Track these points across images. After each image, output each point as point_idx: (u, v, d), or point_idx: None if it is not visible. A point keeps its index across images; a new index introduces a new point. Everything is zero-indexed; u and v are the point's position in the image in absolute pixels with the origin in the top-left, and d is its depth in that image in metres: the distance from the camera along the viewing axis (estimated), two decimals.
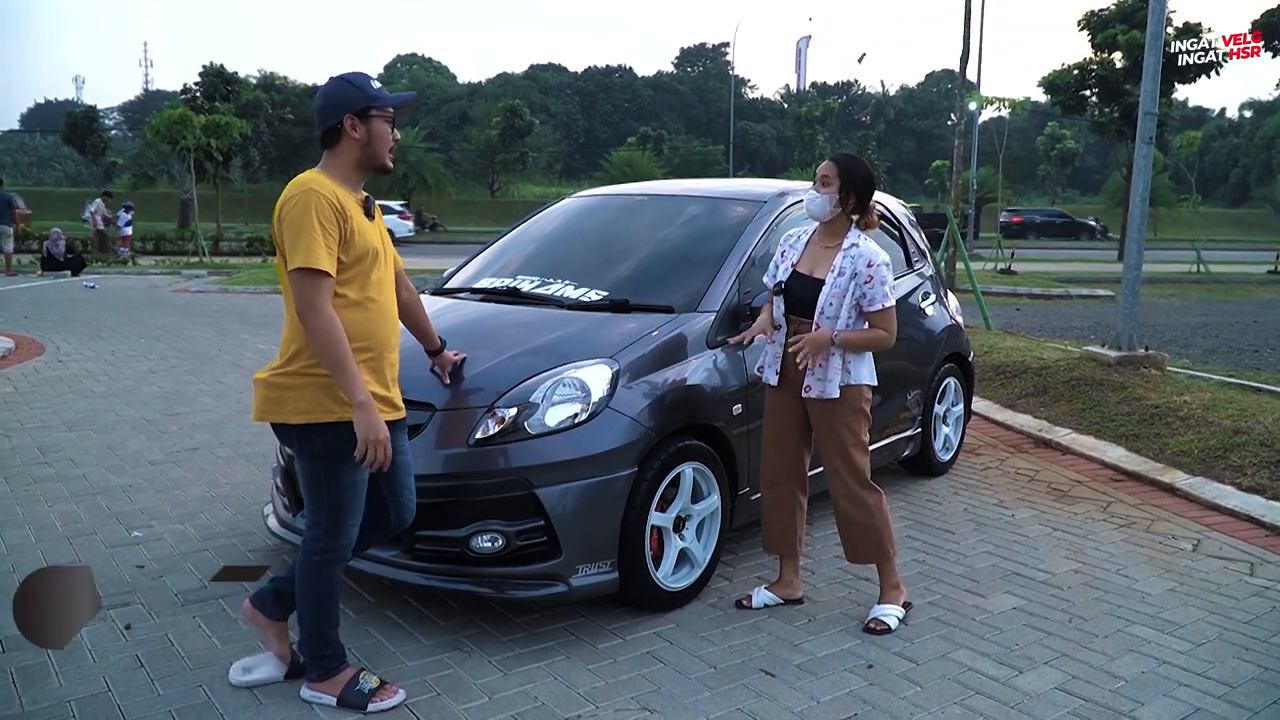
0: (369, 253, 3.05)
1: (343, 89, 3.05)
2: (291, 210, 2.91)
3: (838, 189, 3.80)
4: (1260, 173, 74.88)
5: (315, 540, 3.12)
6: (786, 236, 4.06)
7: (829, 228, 3.88)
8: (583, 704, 3.21)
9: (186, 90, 34.59)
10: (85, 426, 6.86)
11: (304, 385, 2.99)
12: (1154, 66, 7.78)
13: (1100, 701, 3.28)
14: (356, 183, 3.12)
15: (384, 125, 3.07)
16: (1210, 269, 26.80)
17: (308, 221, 2.88)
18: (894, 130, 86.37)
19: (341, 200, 2.97)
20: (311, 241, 2.87)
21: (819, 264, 3.85)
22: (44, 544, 4.56)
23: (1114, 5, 33.83)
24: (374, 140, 3.06)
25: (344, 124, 3.02)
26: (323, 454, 3.04)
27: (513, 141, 57.23)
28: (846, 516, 3.92)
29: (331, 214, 2.92)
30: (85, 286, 17.39)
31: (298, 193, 2.93)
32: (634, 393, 3.77)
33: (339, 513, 3.10)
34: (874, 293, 3.74)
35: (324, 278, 2.90)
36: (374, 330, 3.08)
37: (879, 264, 3.75)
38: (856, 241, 3.82)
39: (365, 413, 2.92)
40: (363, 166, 3.10)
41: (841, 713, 3.19)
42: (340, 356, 2.88)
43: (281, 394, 3.02)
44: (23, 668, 3.39)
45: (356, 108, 3.02)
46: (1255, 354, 12.03)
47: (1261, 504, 5.23)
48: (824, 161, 3.92)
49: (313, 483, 3.10)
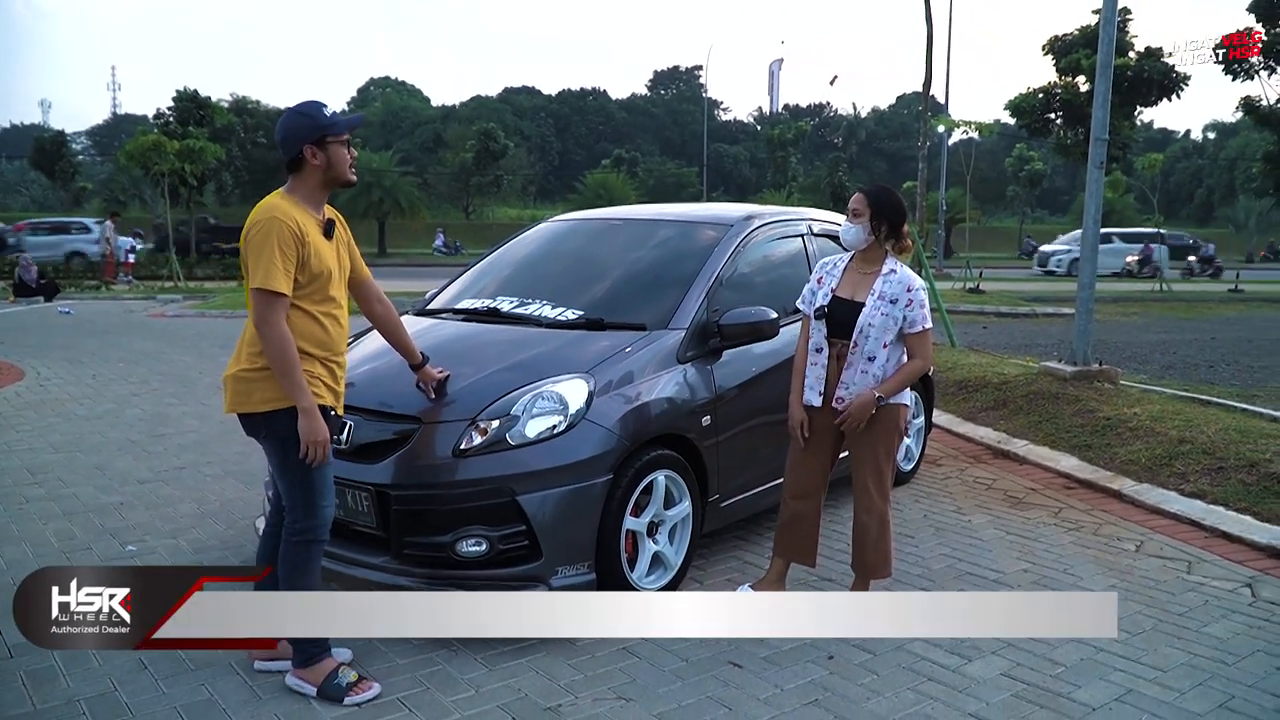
0: (324, 271, 3.38)
1: (298, 121, 3.37)
2: (255, 235, 3.25)
3: (869, 219, 4.04)
4: (1223, 193, 76.19)
5: (294, 523, 3.43)
6: (823, 264, 4.29)
7: (865, 255, 4.12)
8: (563, 694, 3.45)
9: (159, 115, 34.58)
10: (72, 448, 7.02)
11: (267, 378, 3.31)
12: (1104, 94, 8.14)
13: (1040, 685, 3.55)
14: (320, 201, 3.45)
15: (340, 149, 3.40)
16: (1172, 288, 27.35)
17: (268, 246, 3.22)
18: (865, 152, 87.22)
19: (302, 225, 3.30)
20: (270, 265, 3.20)
21: (859, 289, 4.08)
22: (41, 559, 4.74)
23: (1078, 30, 34.54)
24: (334, 164, 3.40)
25: (304, 154, 3.35)
26: (288, 435, 3.34)
27: (487, 164, 57.48)
28: (865, 530, 4.13)
29: (291, 239, 3.25)
30: (60, 312, 17.46)
31: (263, 218, 3.26)
32: (609, 405, 4.02)
33: (310, 492, 3.40)
34: (914, 315, 4.00)
35: (279, 298, 3.24)
36: (328, 339, 3.43)
37: (917, 289, 4.02)
38: (895, 268, 4.07)
39: (309, 418, 3.27)
40: (326, 186, 3.43)
41: (803, 698, 3.44)
42: (289, 366, 3.24)
43: (249, 387, 3.34)
44: (31, 670, 3.59)
45: (313, 138, 3.35)
46: (1210, 369, 12.41)
47: (1202, 508, 5.53)
48: (854, 194, 4.14)
49: (283, 467, 3.41)
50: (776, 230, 5.34)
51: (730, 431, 4.57)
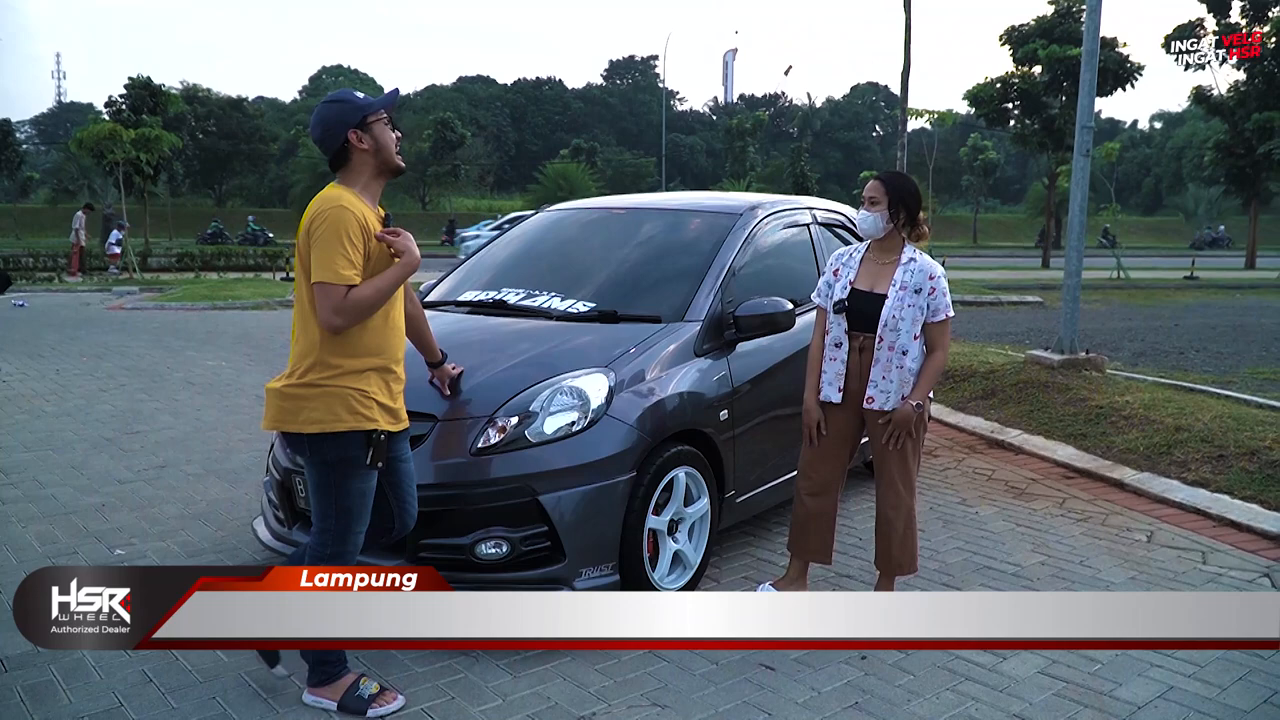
0: None
1: (335, 109, 3.13)
2: (321, 227, 2.99)
3: (886, 206, 3.91)
4: (1171, 181, 77.64)
5: (323, 546, 3.20)
6: (838, 255, 4.14)
7: (883, 244, 3.99)
8: (595, 702, 3.32)
9: (111, 102, 33.79)
10: (43, 446, 6.76)
11: (318, 396, 3.06)
12: (1089, 83, 8.12)
13: (1081, 683, 3.48)
14: (376, 194, 3.22)
15: (385, 128, 3.16)
16: (1130, 275, 27.72)
17: (337, 237, 2.97)
18: (821, 142, 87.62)
19: (367, 218, 3.06)
20: (339, 257, 2.96)
21: (879, 280, 3.95)
22: (26, 564, 4.52)
23: (1034, 21, 34.91)
24: (382, 146, 3.15)
25: (350, 140, 3.11)
26: (335, 462, 3.11)
27: (444, 154, 56.99)
28: (890, 525, 4.02)
29: (359, 230, 3.01)
30: (15, 305, 16.94)
31: (328, 208, 3.01)
32: (630, 400, 3.89)
33: (347, 519, 3.18)
34: (937, 304, 3.88)
35: (348, 289, 2.99)
36: (384, 344, 3.17)
37: (939, 276, 3.92)
38: (914, 256, 3.95)
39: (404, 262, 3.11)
40: (380, 174, 3.20)
41: (843, 701, 3.34)
42: (379, 293, 3.05)
43: (296, 404, 3.09)
44: (29, 686, 3.40)
45: (355, 120, 3.11)
46: (1180, 355, 12.54)
47: (1207, 497, 5.52)
48: (869, 181, 4.02)
49: (322, 490, 3.17)
50: (783, 219, 5.23)
51: (747, 425, 4.46)
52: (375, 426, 3.11)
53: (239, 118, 62.60)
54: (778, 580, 4.25)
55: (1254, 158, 34.84)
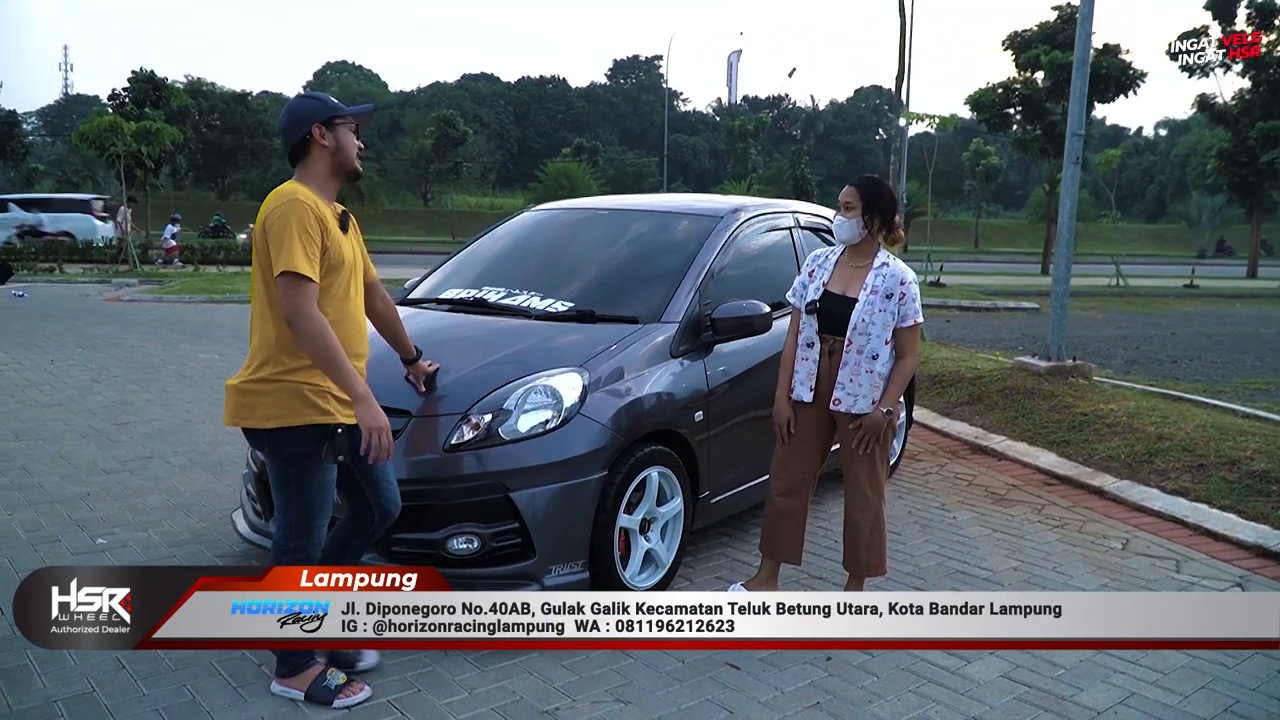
0: (344, 264, 3.19)
1: (306, 103, 3.24)
2: (275, 220, 3.05)
3: (860, 211, 3.95)
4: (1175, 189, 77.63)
5: (286, 540, 3.24)
6: (814, 257, 4.18)
7: (858, 248, 4.03)
8: (560, 697, 3.36)
9: (115, 96, 33.80)
10: (34, 436, 6.80)
11: (274, 391, 3.11)
12: (1080, 90, 8.18)
13: (1043, 688, 3.52)
14: (331, 193, 3.27)
15: (348, 133, 3.25)
16: (1130, 283, 27.72)
17: (290, 230, 3.02)
18: (824, 144, 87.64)
19: (321, 211, 3.12)
20: (295, 248, 3.00)
21: (851, 283, 4.00)
22: (8, 551, 4.57)
23: (1036, 26, 34.90)
24: (342, 147, 3.22)
25: (313, 133, 3.18)
26: (293, 456, 3.16)
27: (446, 151, 57.04)
28: (857, 527, 4.06)
29: (315, 223, 3.07)
30: (14, 295, 16.99)
31: (282, 202, 3.07)
32: (604, 400, 3.93)
33: (308, 513, 3.23)
34: (907, 309, 3.92)
35: (308, 283, 3.02)
36: (345, 339, 3.19)
37: (910, 281, 3.95)
38: (887, 260, 3.99)
39: (366, 404, 3.08)
40: (335, 174, 3.26)
41: (805, 701, 3.38)
42: (333, 354, 3.02)
43: (253, 399, 3.13)
44: (4, 669, 3.44)
45: (322, 118, 3.19)
46: (1174, 364, 12.57)
47: (1185, 505, 5.55)
48: (845, 187, 4.04)
49: (283, 485, 3.22)
50: (765, 222, 5.27)
51: (722, 427, 4.50)
52: (332, 420, 3.14)
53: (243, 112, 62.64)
54: (749, 580, 4.29)
55: (1257, 166, 34.88)
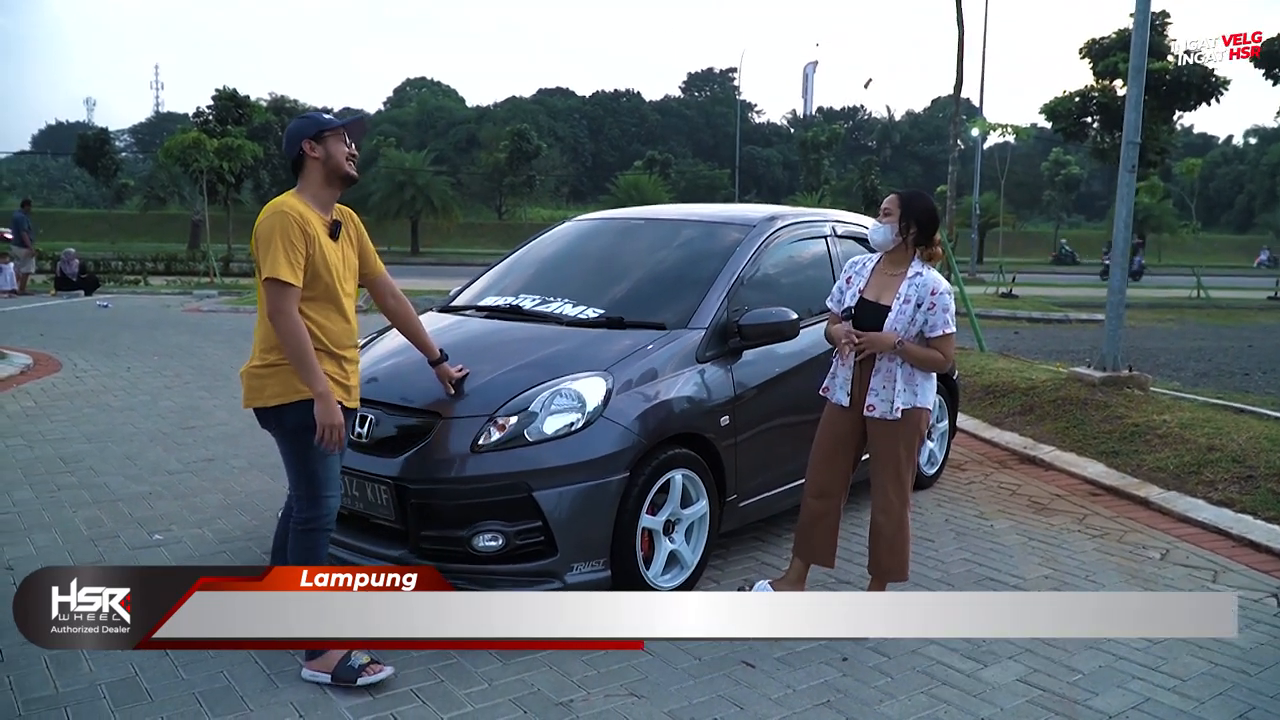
0: (330, 270, 3.47)
1: (298, 123, 3.57)
2: (262, 230, 3.37)
3: (898, 219, 4.04)
4: (1265, 199, 75.15)
5: (300, 512, 3.52)
6: (852, 263, 4.28)
7: (893, 257, 4.12)
8: (576, 690, 3.46)
9: (199, 113, 35.06)
10: (104, 438, 7.13)
11: (276, 373, 3.43)
12: (1135, 98, 8.06)
13: (1057, 692, 3.52)
14: (327, 201, 3.53)
15: (337, 142, 3.51)
16: (1210, 294, 27.01)
17: (274, 239, 3.31)
18: (900, 155, 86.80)
19: (308, 222, 3.39)
20: (277, 256, 3.30)
21: (885, 291, 4.08)
22: (70, 546, 4.83)
23: (1114, 34, 34.17)
24: (331, 155, 3.49)
25: (304, 148, 3.47)
26: (295, 427, 3.44)
27: (520, 165, 57.77)
28: (881, 531, 4.12)
29: (298, 232, 3.34)
30: (99, 306, 17.72)
31: (269, 215, 3.39)
32: (627, 403, 4.04)
33: (314, 483, 3.49)
34: (936, 320, 3.98)
35: (289, 288, 3.32)
36: (335, 335, 3.50)
37: (942, 292, 4.01)
38: (921, 271, 4.06)
39: (324, 402, 3.36)
40: (329, 182, 3.52)
41: (815, 699, 3.44)
42: (303, 353, 3.33)
43: (260, 383, 3.46)
44: (55, 654, 3.64)
45: (311, 133, 3.49)
46: (1245, 377, 12.24)
47: (1230, 516, 5.46)
48: (888, 195, 4.17)
49: (289, 458, 3.53)
50: (800, 231, 5.33)
51: (749, 432, 4.57)
52: None
53: None
54: (776, 580, 4.35)
55: None
